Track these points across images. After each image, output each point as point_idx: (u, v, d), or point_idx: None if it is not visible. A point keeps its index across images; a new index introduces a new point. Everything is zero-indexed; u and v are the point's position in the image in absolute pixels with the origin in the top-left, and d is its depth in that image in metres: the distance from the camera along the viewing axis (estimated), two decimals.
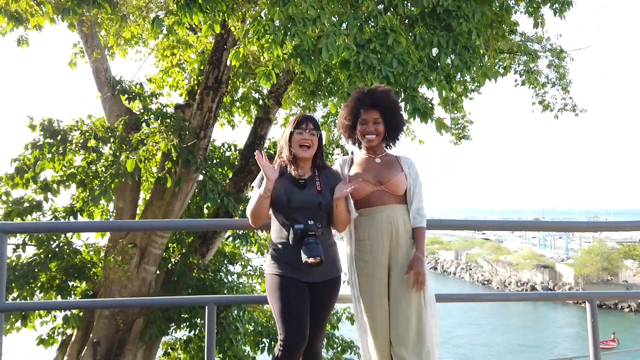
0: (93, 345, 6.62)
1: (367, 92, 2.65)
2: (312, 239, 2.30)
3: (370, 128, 2.61)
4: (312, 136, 2.48)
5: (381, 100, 2.61)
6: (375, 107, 2.61)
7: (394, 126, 2.67)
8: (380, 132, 2.63)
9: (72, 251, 6.97)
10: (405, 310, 2.43)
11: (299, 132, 2.48)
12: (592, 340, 2.89)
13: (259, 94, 8.83)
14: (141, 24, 7.83)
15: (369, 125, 2.61)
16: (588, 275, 42.29)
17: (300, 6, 4.22)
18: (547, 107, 8.83)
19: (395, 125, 2.67)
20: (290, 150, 2.50)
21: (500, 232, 67.17)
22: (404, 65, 4.33)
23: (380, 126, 2.62)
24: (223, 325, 6.81)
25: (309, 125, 2.49)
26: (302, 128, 2.48)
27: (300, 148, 2.48)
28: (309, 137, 2.48)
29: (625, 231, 3.44)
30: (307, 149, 2.48)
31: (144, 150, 5.87)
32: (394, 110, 2.65)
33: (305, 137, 2.47)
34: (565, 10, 5.69)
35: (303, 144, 2.47)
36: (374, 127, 2.61)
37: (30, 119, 6.58)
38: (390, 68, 4.26)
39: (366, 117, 2.61)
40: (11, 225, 3.72)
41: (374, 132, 2.61)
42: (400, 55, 4.35)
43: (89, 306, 6.30)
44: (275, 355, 2.31)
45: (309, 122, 2.50)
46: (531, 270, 48.39)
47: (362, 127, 2.63)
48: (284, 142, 2.55)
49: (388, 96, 2.65)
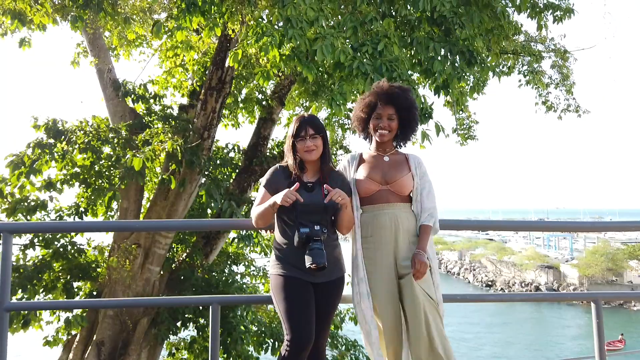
0: (97, 345, 6.64)
1: (386, 87, 2.63)
2: (317, 244, 2.29)
3: (384, 123, 2.59)
4: (314, 140, 2.44)
5: (399, 97, 2.59)
6: (392, 103, 2.59)
7: (408, 125, 2.65)
8: (393, 128, 2.61)
9: (76, 251, 7.00)
10: (417, 310, 2.41)
11: (300, 140, 2.45)
12: (597, 340, 2.87)
13: (262, 94, 8.84)
14: (145, 25, 7.86)
15: (383, 120, 2.59)
16: (593, 276, 42.11)
17: (299, 7, 4.23)
18: (550, 107, 8.81)
19: (409, 125, 2.65)
20: (295, 158, 2.48)
21: (504, 233, 67.02)
22: (391, 73, 4.33)
23: (393, 123, 2.60)
24: (233, 325, 6.82)
25: (309, 131, 2.44)
26: (302, 136, 2.45)
27: (305, 153, 2.46)
28: (311, 143, 2.44)
29: (630, 232, 3.43)
30: (312, 152, 2.46)
31: (150, 150, 5.88)
32: (410, 110, 2.62)
33: (307, 144, 2.44)
34: (565, 18, 5.74)
35: (307, 150, 2.45)
36: (387, 122, 2.59)
37: (34, 119, 6.62)
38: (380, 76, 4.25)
39: (381, 112, 2.59)
40: (16, 225, 3.74)
41: (387, 127, 2.59)
42: (389, 63, 4.35)
43: (93, 306, 6.33)
44: (281, 355, 2.31)
45: (309, 127, 2.45)
46: (535, 271, 48.22)
47: (376, 121, 2.61)
48: (287, 148, 2.52)
49: (406, 95, 2.63)
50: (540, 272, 47.76)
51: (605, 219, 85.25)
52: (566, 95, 8.72)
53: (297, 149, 2.47)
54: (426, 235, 2.52)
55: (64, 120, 6.81)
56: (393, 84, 2.70)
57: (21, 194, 6.38)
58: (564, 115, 8.79)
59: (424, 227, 2.53)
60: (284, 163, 2.55)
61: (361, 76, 4.24)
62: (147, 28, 7.97)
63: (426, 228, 2.53)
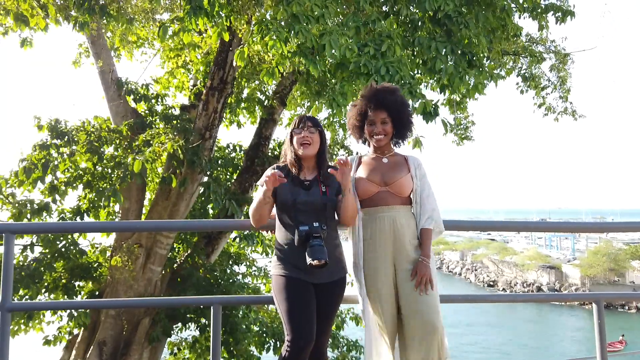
0: (99, 345, 6.65)
1: (374, 91, 2.63)
2: (317, 241, 2.30)
3: (378, 129, 2.60)
4: (311, 134, 2.49)
5: (388, 99, 2.60)
6: (382, 107, 2.59)
7: (402, 125, 2.65)
8: (389, 132, 2.61)
9: (78, 251, 7.01)
10: (414, 313, 2.41)
11: (297, 132, 2.50)
12: (599, 341, 2.86)
13: (264, 94, 8.84)
14: (147, 26, 7.87)
15: (377, 125, 2.60)
16: (594, 276, 42.00)
17: (304, 5, 4.23)
18: (548, 109, 8.86)
19: (404, 124, 2.65)
20: (292, 151, 2.51)
21: (505, 233, 66.84)
22: (393, 75, 4.33)
23: (388, 126, 2.61)
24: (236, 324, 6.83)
25: (307, 124, 2.50)
26: (300, 127, 2.50)
27: (301, 146, 2.48)
28: (309, 135, 2.48)
29: (632, 232, 3.42)
30: (308, 146, 2.48)
31: (151, 152, 5.89)
32: (401, 110, 2.63)
33: (304, 135, 2.48)
34: (566, 19, 5.75)
35: (304, 142, 2.48)
36: (381, 127, 2.60)
37: (37, 120, 6.63)
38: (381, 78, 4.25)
39: (374, 117, 2.60)
40: (18, 226, 3.74)
41: (382, 132, 2.60)
42: (391, 64, 4.35)
43: (95, 306, 6.33)
44: (282, 356, 2.31)
45: (307, 121, 2.51)
46: (537, 271, 48.12)
47: (370, 127, 2.62)
48: (286, 144, 2.57)
49: (395, 95, 2.63)
50: (542, 272, 47.66)
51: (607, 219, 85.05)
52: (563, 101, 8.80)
53: (294, 143, 2.50)
54: (428, 240, 2.53)
55: (66, 120, 6.83)
56: (380, 86, 2.70)
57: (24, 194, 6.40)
58: (560, 117, 8.87)
59: (425, 232, 2.53)
60: (281, 163, 2.57)
61: (364, 76, 4.24)
62: (149, 30, 7.98)
63: (427, 232, 2.53)
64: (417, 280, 2.43)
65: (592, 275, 42.02)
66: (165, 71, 8.76)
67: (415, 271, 2.45)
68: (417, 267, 2.45)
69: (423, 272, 2.43)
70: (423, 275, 2.43)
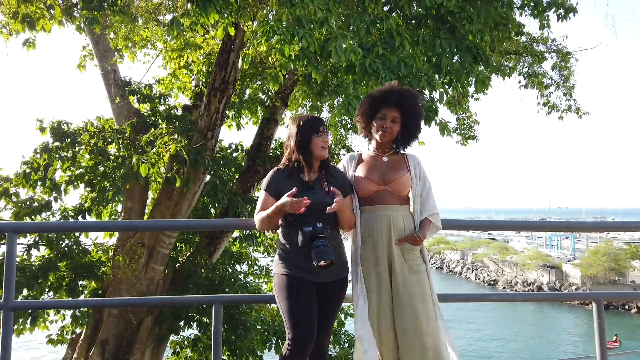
0: (102, 344, 6.68)
1: (396, 90, 2.62)
2: (322, 241, 2.32)
3: (387, 124, 2.58)
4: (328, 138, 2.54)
5: (408, 102, 2.59)
6: (399, 106, 2.59)
7: (409, 132, 2.64)
8: (394, 132, 2.61)
9: (80, 251, 7.05)
10: (411, 315, 2.42)
11: (319, 136, 2.49)
12: (598, 340, 2.88)
13: (266, 95, 8.87)
14: (150, 26, 7.89)
15: (387, 121, 2.59)
16: (595, 276, 41.98)
17: (307, 8, 4.23)
18: (553, 107, 8.84)
19: (411, 132, 2.64)
20: (309, 153, 2.49)
21: (506, 232, 66.83)
22: (409, 68, 4.33)
23: (396, 126, 2.60)
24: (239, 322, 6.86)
25: (324, 128, 2.53)
26: (321, 131, 2.50)
27: (322, 149, 2.50)
28: (328, 139, 2.52)
29: (632, 231, 3.45)
30: (325, 150, 2.52)
31: (154, 153, 5.92)
32: (415, 118, 2.62)
33: (325, 139, 2.50)
34: (568, 17, 5.73)
35: (324, 146, 2.51)
36: (390, 124, 2.59)
37: (39, 122, 6.66)
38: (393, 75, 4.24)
39: (387, 112, 2.59)
40: (20, 225, 3.74)
41: (388, 129, 2.58)
42: (405, 59, 4.36)
43: (98, 305, 6.36)
44: (283, 354, 2.34)
45: (323, 125, 2.54)
46: (537, 271, 48.11)
47: (380, 121, 2.60)
48: (294, 144, 2.51)
49: (415, 101, 2.62)
50: (542, 271, 47.64)
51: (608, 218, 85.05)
52: (567, 97, 8.77)
53: (313, 146, 2.48)
54: (426, 225, 2.57)
55: (69, 122, 6.86)
56: (406, 88, 2.69)
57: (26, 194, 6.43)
58: (565, 115, 8.83)
59: (424, 220, 2.57)
60: (282, 165, 2.57)
61: (372, 76, 4.23)
62: (152, 30, 8.01)
63: (427, 220, 2.57)
64: (402, 239, 2.49)
65: (593, 275, 42.00)
66: (167, 72, 8.79)
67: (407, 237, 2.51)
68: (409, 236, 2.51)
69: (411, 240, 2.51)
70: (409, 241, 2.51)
